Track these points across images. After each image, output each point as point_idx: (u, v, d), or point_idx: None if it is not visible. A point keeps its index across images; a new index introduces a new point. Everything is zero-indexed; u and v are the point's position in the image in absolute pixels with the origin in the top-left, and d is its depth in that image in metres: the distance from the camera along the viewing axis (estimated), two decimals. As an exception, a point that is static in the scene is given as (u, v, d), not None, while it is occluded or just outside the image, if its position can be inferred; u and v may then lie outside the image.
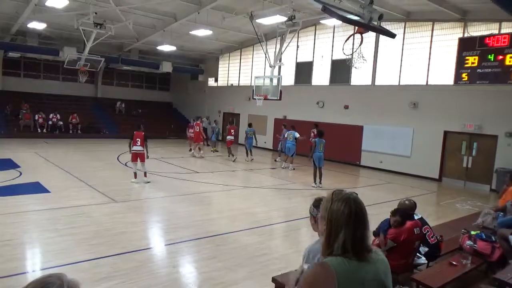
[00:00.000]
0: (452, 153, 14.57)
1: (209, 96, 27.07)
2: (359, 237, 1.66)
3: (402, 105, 15.75)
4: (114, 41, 21.23)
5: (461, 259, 4.63)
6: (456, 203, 11.06)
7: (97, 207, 8.22)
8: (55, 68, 25.22)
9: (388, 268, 1.76)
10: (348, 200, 1.70)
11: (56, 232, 6.45)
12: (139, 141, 10.85)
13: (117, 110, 26.99)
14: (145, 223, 7.68)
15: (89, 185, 10.23)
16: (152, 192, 10.13)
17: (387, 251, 4.49)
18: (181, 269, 5.57)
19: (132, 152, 10.93)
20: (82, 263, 5.28)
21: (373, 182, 13.84)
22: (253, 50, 23.08)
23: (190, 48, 23.78)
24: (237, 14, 16.13)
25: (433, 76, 15.01)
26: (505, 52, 12.40)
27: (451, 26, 14.39)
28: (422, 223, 4.77)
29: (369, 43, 16.03)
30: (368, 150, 17.12)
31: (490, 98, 13.24)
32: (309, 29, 19.24)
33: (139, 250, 5.92)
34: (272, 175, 14.36)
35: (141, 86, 30.27)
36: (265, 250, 6.31)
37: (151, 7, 16.37)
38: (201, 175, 12.92)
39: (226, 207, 9.23)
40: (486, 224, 6.42)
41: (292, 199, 10.42)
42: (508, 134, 12.94)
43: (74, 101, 25.60)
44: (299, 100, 19.80)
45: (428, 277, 4.18)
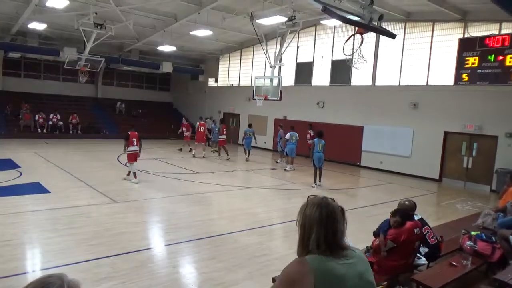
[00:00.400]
0: (452, 153, 14.57)
1: (209, 97, 27.08)
2: (332, 236, 1.76)
3: (402, 106, 15.74)
4: (115, 42, 21.25)
5: (461, 259, 4.62)
6: (456, 204, 11.06)
7: (97, 207, 8.22)
8: (56, 68, 25.23)
9: (367, 264, 1.87)
10: (320, 204, 1.82)
11: (56, 232, 6.45)
12: (135, 141, 10.93)
13: (117, 110, 27.00)
14: (145, 224, 7.68)
15: (89, 185, 10.24)
16: (152, 193, 10.13)
17: (387, 251, 4.49)
18: (181, 270, 5.57)
19: (131, 153, 10.93)
20: (82, 263, 5.28)
21: (373, 183, 13.84)
22: (253, 50, 23.08)
23: (190, 48, 23.78)
24: (238, 15, 16.13)
25: (433, 76, 15.00)
26: (505, 53, 12.40)
27: (451, 27, 14.39)
28: (422, 224, 4.77)
29: (369, 44, 16.03)
30: (368, 151, 17.12)
31: (490, 99, 13.23)
32: (309, 29, 19.25)
33: (139, 250, 5.92)
34: (272, 176, 14.35)
35: (141, 86, 30.28)
36: (265, 251, 6.31)
37: (152, 8, 16.37)
38: (201, 176, 12.92)
39: (226, 207, 9.23)
40: (486, 224, 6.41)
41: (292, 199, 10.41)
42: (508, 134, 12.93)
43: (74, 101, 25.61)
44: (299, 100, 19.80)
45: (428, 277, 4.18)
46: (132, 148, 10.92)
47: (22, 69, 24.81)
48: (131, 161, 10.98)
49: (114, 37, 18.15)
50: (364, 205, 10.23)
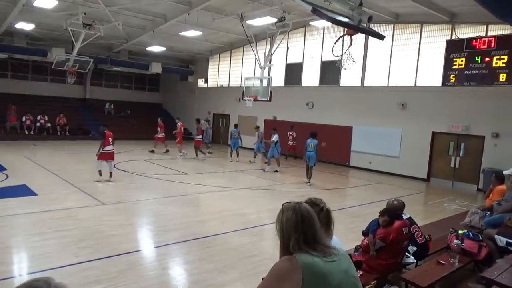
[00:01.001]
0: (440, 153, 14.75)
1: (199, 97, 26.99)
2: (311, 237, 1.85)
3: (391, 106, 15.89)
4: (103, 42, 21.05)
5: (449, 258, 4.68)
6: (444, 203, 11.19)
7: (85, 210, 8.12)
8: (43, 69, 24.89)
9: (350, 260, 1.98)
10: (294, 209, 1.91)
11: (43, 236, 6.35)
12: (111, 140, 11.07)
13: (106, 111, 26.74)
14: (134, 225, 7.61)
15: (77, 187, 10.11)
16: (141, 194, 10.06)
17: (376, 250, 4.52)
18: (171, 271, 5.53)
19: (107, 152, 10.99)
20: (70, 266, 5.21)
21: (362, 183, 13.94)
22: (243, 51, 23.08)
23: (180, 49, 23.69)
24: (227, 15, 16.11)
25: (422, 77, 15.18)
26: (491, 54, 12.61)
27: (439, 28, 14.58)
28: (411, 223, 4.82)
29: (359, 45, 16.17)
30: (357, 151, 17.24)
31: (477, 99, 13.43)
32: (299, 30, 19.32)
33: (128, 253, 5.86)
34: (262, 176, 14.35)
35: (131, 87, 30.03)
36: (255, 251, 6.30)
37: (141, 8, 16.26)
38: (191, 177, 12.86)
39: (216, 208, 9.19)
40: (473, 223, 6.50)
41: (282, 199, 10.33)
42: (494, 134, 13.14)
43: (62, 103, 25.28)
44: (289, 101, 19.85)
45: (417, 276, 4.22)
46: (109, 148, 10.99)
47: (9, 70, 24.41)
48: (104, 159, 11.00)
49: (103, 37, 18.00)
50: (353, 205, 10.30)
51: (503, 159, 12.35)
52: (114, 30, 18.13)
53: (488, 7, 8.14)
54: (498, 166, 11.98)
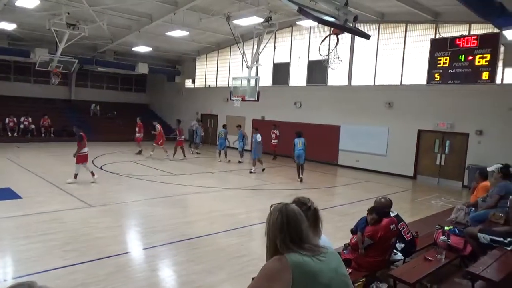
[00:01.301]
0: (426, 151, 14.96)
1: (186, 98, 26.85)
2: (298, 237, 1.86)
3: (378, 105, 16.05)
4: (88, 42, 20.75)
5: (435, 254, 4.74)
6: (431, 200, 11.36)
7: (71, 212, 8.00)
8: (26, 70, 24.43)
9: (340, 259, 2.00)
10: (281, 210, 1.92)
11: (29, 239, 6.23)
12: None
13: (92, 112, 26.39)
14: (122, 228, 7.53)
15: (62, 189, 9.96)
16: (128, 196, 9.95)
17: (364, 248, 4.56)
18: (160, 273, 5.49)
19: (84, 154, 10.86)
20: (56, 270, 5.13)
21: (350, 181, 14.05)
22: (230, 51, 23.03)
23: (166, 49, 23.52)
24: (214, 15, 16.05)
25: (407, 76, 15.37)
26: (474, 53, 12.83)
27: (423, 28, 14.78)
28: (398, 220, 4.87)
29: (345, 44, 16.28)
30: (345, 150, 17.37)
31: (461, 97, 13.67)
32: (286, 30, 19.37)
33: (116, 255, 5.79)
34: (251, 176, 14.35)
35: (117, 87, 29.70)
36: (244, 251, 6.30)
37: (126, 8, 16.09)
38: (179, 177, 12.79)
39: (204, 209, 9.15)
40: (459, 219, 6.61)
41: (271, 199, 10.40)
42: (478, 132, 13.38)
43: (46, 104, 24.85)
44: (277, 100, 19.89)
45: (405, 272, 4.26)
46: (86, 150, 10.89)
47: (-10, 71, 23.92)
48: (81, 162, 10.84)
49: (87, 37, 17.75)
50: (341, 203, 10.37)
51: (487, 156, 12.59)
52: (99, 30, 17.90)
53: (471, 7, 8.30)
54: (482, 163, 12.19)
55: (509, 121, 12.64)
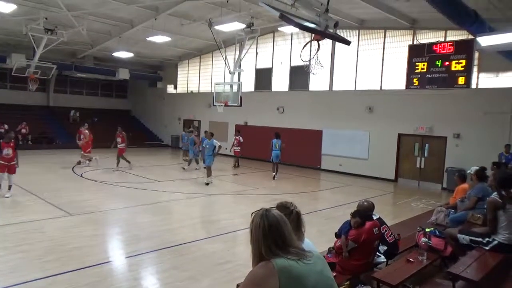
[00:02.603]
0: (406, 154, 15.25)
1: (168, 103, 26.65)
2: (282, 242, 1.87)
3: (359, 110, 16.29)
4: (67, 48, 20.39)
5: (417, 255, 4.82)
6: (411, 202, 11.57)
7: (51, 222, 7.81)
8: (3, 75, 23.79)
9: (325, 261, 2.02)
10: (262, 216, 1.93)
11: (6, 250, 6.04)
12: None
13: (71, 119, 25.87)
14: (104, 236, 7.39)
15: (41, 198, 9.71)
16: (110, 203, 9.77)
17: (348, 251, 4.60)
18: (144, 282, 5.40)
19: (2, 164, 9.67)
20: (36, 281, 4.99)
21: (333, 185, 14.18)
22: (212, 56, 23.02)
23: (147, 54, 23.33)
24: (196, 21, 16.04)
25: (387, 81, 15.68)
26: (450, 58, 13.18)
27: (401, 34, 15.13)
28: (380, 223, 4.94)
29: (326, 50, 16.50)
30: (328, 154, 17.53)
31: (439, 102, 14.02)
32: (268, 36, 19.50)
33: (98, 264, 5.68)
34: (235, 181, 14.33)
35: (97, 93, 29.23)
36: (229, 257, 6.27)
37: (106, 13, 15.89)
38: (162, 184, 12.65)
39: (188, 215, 9.08)
40: (439, 221, 6.74)
41: (255, 204, 10.40)
42: (456, 135, 13.74)
43: (24, 110, 24.24)
44: (260, 106, 19.96)
45: (388, 274, 4.32)
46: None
47: (-36, 77, 23.20)
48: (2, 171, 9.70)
49: (66, 43, 17.45)
50: (325, 207, 10.45)
51: (465, 158, 12.94)
52: (78, 36, 17.61)
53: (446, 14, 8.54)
54: (460, 165, 12.53)
55: (485, 124, 13.04)
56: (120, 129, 15.41)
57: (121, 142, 15.12)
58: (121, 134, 15.17)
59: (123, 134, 15.20)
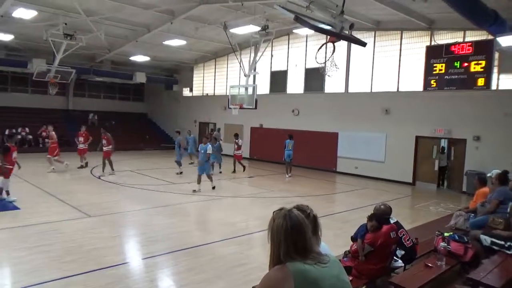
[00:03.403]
0: (424, 157, 14.98)
1: (184, 106, 26.89)
2: (301, 245, 1.83)
3: (375, 112, 16.11)
4: (86, 52, 20.81)
5: (436, 260, 4.73)
6: (430, 206, 11.35)
7: (70, 223, 7.96)
8: (24, 80, 24.44)
9: (341, 266, 1.99)
10: (284, 217, 1.89)
11: (27, 251, 6.18)
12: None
13: (90, 122, 26.35)
14: (121, 238, 7.48)
15: (61, 200, 9.91)
16: (127, 205, 9.90)
17: (365, 255, 4.54)
18: (159, 283, 5.44)
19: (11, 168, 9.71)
20: (54, 281, 5.08)
21: (349, 188, 14.03)
22: (227, 59, 23.14)
23: (164, 58, 23.60)
24: (211, 24, 16.15)
25: (404, 82, 15.46)
26: (469, 59, 12.93)
27: (419, 35, 14.91)
28: (398, 227, 4.86)
29: (341, 52, 16.38)
30: (343, 157, 17.38)
31: (458, 103, 13.74)
32: (283, 38, 19.49)
33: (115, 266, 5.75)
34: (249, 184, 14.33)
35: (114, 97, 29.72)
36: (244, 260, 6.26)
37: (123, 18, 16.17)
38: (177, 186, 12.74)
39: (203, 218, 9.12)
40: (458, 225, 6.60)
41: (270, 207, 10.38)
42: (475, 137, 13.43)
43: (44, 114, 24.83)
44: (275, 108, 19.94)
45: (405, 280, 4.24)
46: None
47: (-13, 82, 23.92)
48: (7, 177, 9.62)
49: (85, 47, 17.80)
50: (341, 210, 10.35)
51: (485, 161, 12.63)
52: (96, 40, 17.94)
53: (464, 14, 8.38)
54: (480, 168, 12.23)
55: (505, 126, 12.71)
56: (104, 130, 14.61)
57: (106, 144, 14.23)
58: (106, 135, 14.33)
59: (108, 136, 14.32)
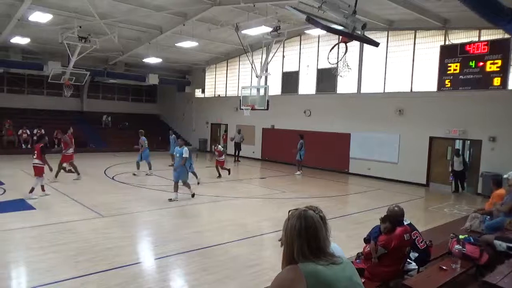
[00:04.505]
0: (438, 158, 14.77)
1: (196, 107, 27.05)
2: (315, 246, 1.82)
3: (388, 112, 15.95)
4: (99, 54, 21.12)
5: (450, 263, 4.66)
6: (444, 208, 11.18)
7: (84, 223, 8.07)
8: (40, 82, 24.91)
9: (354, 268, 1.96)
10: (299, 216, 1.87)
11: (42, 250, 6.29)
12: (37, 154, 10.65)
13: (103, 123, 26.73)
14: (133, 238, 7.55)
15: (75, 200, 10.06)
16: (140, 206, 9.99)
17: (378, 257, 4.50)
18: (172, 283, 5.48)
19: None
20: (69, 280, 5.16)
21: (362, 189, 13.92)
22: (239, 60, 23.19)
23: (176, 59, 23.79)
24: (223, 26, 16.22)
25: (417, 83, 15.27)
26: (485, 59, 12.71)
27: (432, 34, 14.71)
28: (411, 229, 4.80)
29: (354, 52, 16.29)
30: (356, 158, 17.24)
31: (473, 104, 13.51)
32: (294, 39, 19.45)
33: (128, 265, 5.81)
34: (261, 185, 14.32)
35: (128, 98, 30.09)
36: (256, 261, 6.26)
37: (136, 20, 16.36)
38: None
39: (215, 218, 9.15)
40: (474, 227, 6.49)
41: (281, 208, 10.34)
42: (491, 138, 13.18)
43: (59, 116, 25.26)
44: (286, 109, 19.91)
45: (419, 282, 4.19)
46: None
47: (5, 84, 24.42)
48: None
49: (98, 50, 18.07)
50: (353, 211, 10.27)
51: (501, 162, 12.37)
52: (109, 43, 18.20)
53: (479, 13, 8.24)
54: (496, 170, 12.01)
55: (523, 127, 12.45)
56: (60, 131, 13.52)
57: (64, 148, 13.42)
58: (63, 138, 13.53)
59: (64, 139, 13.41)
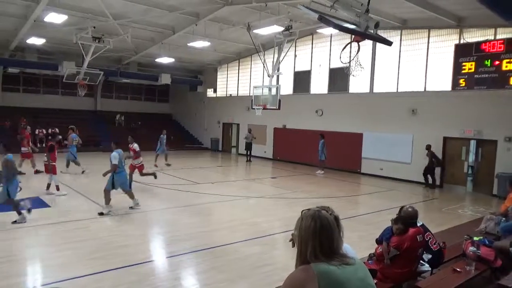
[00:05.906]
0: (452, 159, 14.55)
1: (208, 107, 27.18)
2: (328, 246, 1.81)
3: (401, 112, 15.78)
4: (113, 54, 21.38)
5: (464, 265, 4.60)
6: (458, 209, 11.01)
7: (98, 221, 8.18)
8: (55, 82, 25.37)
9: (367, 269, 1.95)
10: (313, 216, 1.87)
11: (57, 247, 6.41)
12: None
13: (117, 123, 27.04)
14: (146, 236, 7.63)
15: (89, 198, 10.21)
16: (152, 204, 10.08)
17: (390, 259, 4.46)
18: (184, 282, 5.52)
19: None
20: (83, 277, 5.24)
21: (374, 190, 13.80)
22: (251, 60, 23.21)
23: (188, 59, 23.94)
24: (235, 25, 16.26)
25: (431, 82, 15.06)
26: (501, 58, 12.47)
27: (447, 33, 14.49)
28: (424, 230, 4.75)
29: (366, 51, 16.15)
30: (368, 158, 17.11)
31: (488, 103, 13.27)
32: (306, 38, 19.38)
33: (141, 263, 5.87)
34: (273, 185, 14.31)
35: (140, 98, 30.42)
36: (267, 261, 6.26)
37: (149, 20, 16.51)
38: (202, 186, 12.89)
39: (227, 217, 9.18)
40: (489, 229, 6.40)
41: (293, 208, 10.33)
42: (507, 138, 12.93)
43: (73, 115, 25.66)
44: (298, 109, 19.86)
45: (432, 284, 4.14)
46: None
47: (21, 84, 24.93)
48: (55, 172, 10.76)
49: (112, 50, 18.28)
50: (365, 212, 10.19)
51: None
52: (123, 43, 18.41)
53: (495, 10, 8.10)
54: (511, 171, 11.78)
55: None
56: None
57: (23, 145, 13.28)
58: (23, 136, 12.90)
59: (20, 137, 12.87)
